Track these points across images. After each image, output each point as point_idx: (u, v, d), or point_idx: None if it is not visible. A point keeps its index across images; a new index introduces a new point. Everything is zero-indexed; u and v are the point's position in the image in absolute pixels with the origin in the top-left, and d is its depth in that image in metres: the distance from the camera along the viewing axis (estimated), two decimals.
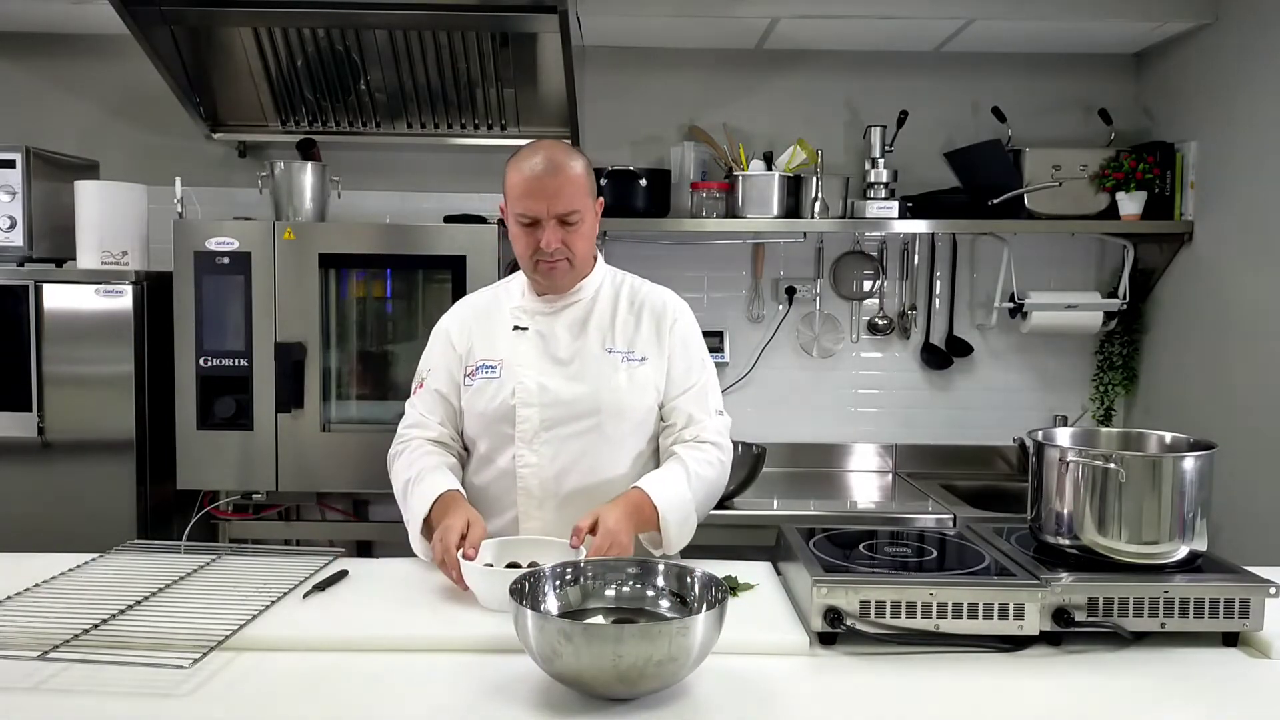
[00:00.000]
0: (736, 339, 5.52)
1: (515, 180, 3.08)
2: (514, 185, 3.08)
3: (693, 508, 3.10)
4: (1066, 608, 2.53)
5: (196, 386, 4.54)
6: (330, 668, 2.38)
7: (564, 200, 3.05)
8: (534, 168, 3.05)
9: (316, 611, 2.68)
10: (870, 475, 5.46)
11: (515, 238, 3.14)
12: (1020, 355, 5.57)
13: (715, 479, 3.20)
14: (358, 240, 4.57)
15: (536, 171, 3.04)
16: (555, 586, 2.50)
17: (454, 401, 3.31)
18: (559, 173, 3.05)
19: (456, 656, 2.46)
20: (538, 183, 3.04)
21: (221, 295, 4.51)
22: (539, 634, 2.16)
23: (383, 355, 4.71)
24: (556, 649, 2.13)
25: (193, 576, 2.88)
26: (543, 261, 3.12)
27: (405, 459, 3.26)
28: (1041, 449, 2.76)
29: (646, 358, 3.22)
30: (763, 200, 5.04)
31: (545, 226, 3.06)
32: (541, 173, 3.04)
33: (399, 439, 3.36)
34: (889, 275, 5.53)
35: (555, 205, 3.05)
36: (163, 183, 4.93)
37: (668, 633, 2.12)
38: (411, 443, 3.30)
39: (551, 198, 3.04)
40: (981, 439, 5.54)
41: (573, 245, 3.12)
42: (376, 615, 2.65)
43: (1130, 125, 5.36)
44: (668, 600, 2.49)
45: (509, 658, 2.41)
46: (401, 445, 3.32)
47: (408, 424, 3.36)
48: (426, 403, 3.33)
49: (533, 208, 3.05)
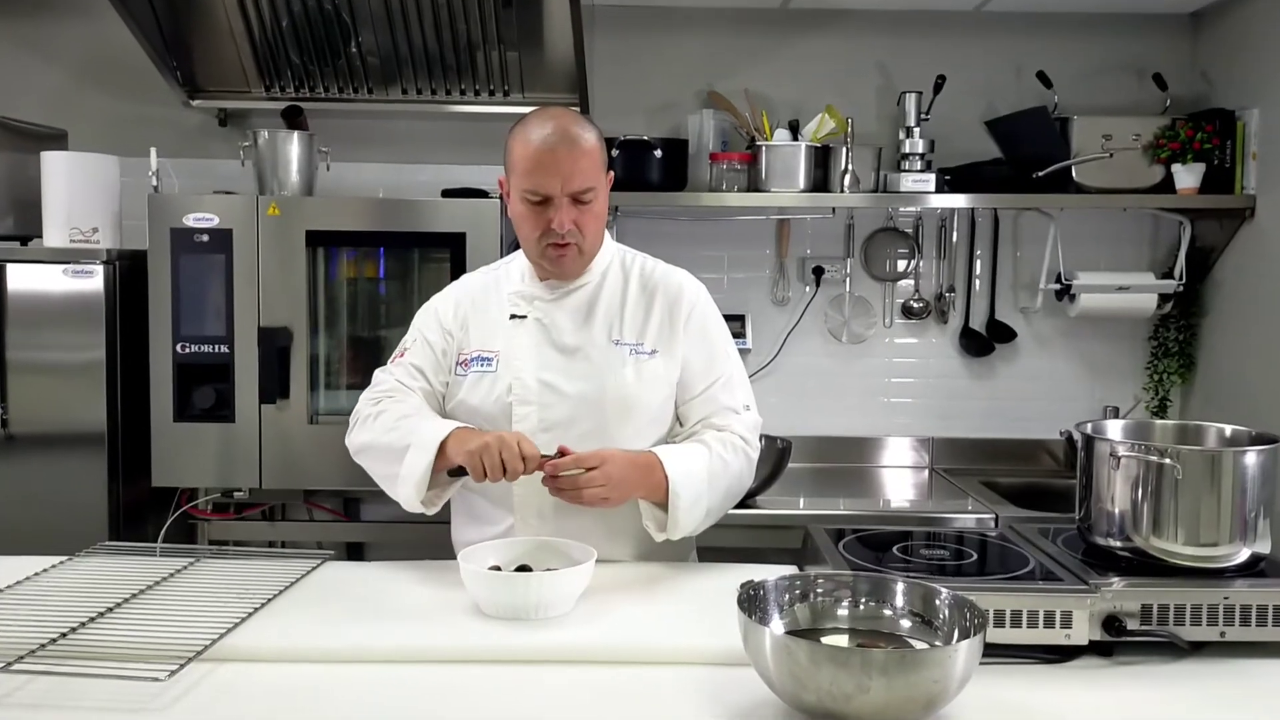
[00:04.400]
0: (759, 323, 5.52)
1: (522, 152, 3.01)
2: (521, 158, 3.01)
3: (707, 489, 3.03)
4: (1118, 615, 2.52)
5: (173, 375, 4.54)
6: (319, 680, 2.38)
7: (579, 176, 2.99)
8: (545, 139, 2.98)
9: (303, 619, 2.67)
10: (905, 471, 5.46)
11: (520, 218, 3.08)
12: (1067, 341, 5.56)
13: (739, 471, 3.14)
14: (348, 216, 4.57)
15: (549, 143, 2.98)
16: (781, 604, 2.44)
17: (435, 384, 3.24)
18: (573, 145, 2.99)
19: (465, 669, 2.45)
20: (550, 155, 2.97)
21: (200, 276, 4.51)
22: (813, 664, 2.08)
23: (375, 341, 4.71)
24: (840, 683, 2.05)
25: (169, 581, 2.89)
26: (552, 245, 3.06)
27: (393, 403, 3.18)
28: (1090, 443, 2.76)
29: (657, 351, 3.16)
30: (788, 173, 5.03)
31: (557, 206, 3.00)
32: (554, 144, 2.98)
33: (369, 399, 3.25)
34: (925, 254, 5.53)
35: (570, 182, 2.98)
36: (136, 154, 4.93)
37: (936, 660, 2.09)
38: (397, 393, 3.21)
39: (566, 174, 2.98)
40: (1025, 432, 5.52)
41: (585, 227, 3.06)
42: (368, 623, 2.65)
43: (1187, 91, 5.34)
44: (909, 621, 2.43)
45: (520, 669, 2.42)
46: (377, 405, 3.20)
47: (382, 390, 3.25)
48: (403, 374, 3.25)
49: (543, 184, 2.98)
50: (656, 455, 2.99)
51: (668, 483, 2.96)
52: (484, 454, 2.82)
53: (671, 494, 2.96)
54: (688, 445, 3.10)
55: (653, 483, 2.96)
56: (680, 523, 3.00)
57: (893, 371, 5.60)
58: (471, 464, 2.85)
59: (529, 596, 2.64)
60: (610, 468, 2.86)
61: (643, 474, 2.95)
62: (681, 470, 2.98)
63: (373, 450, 3.18)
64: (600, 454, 2.87)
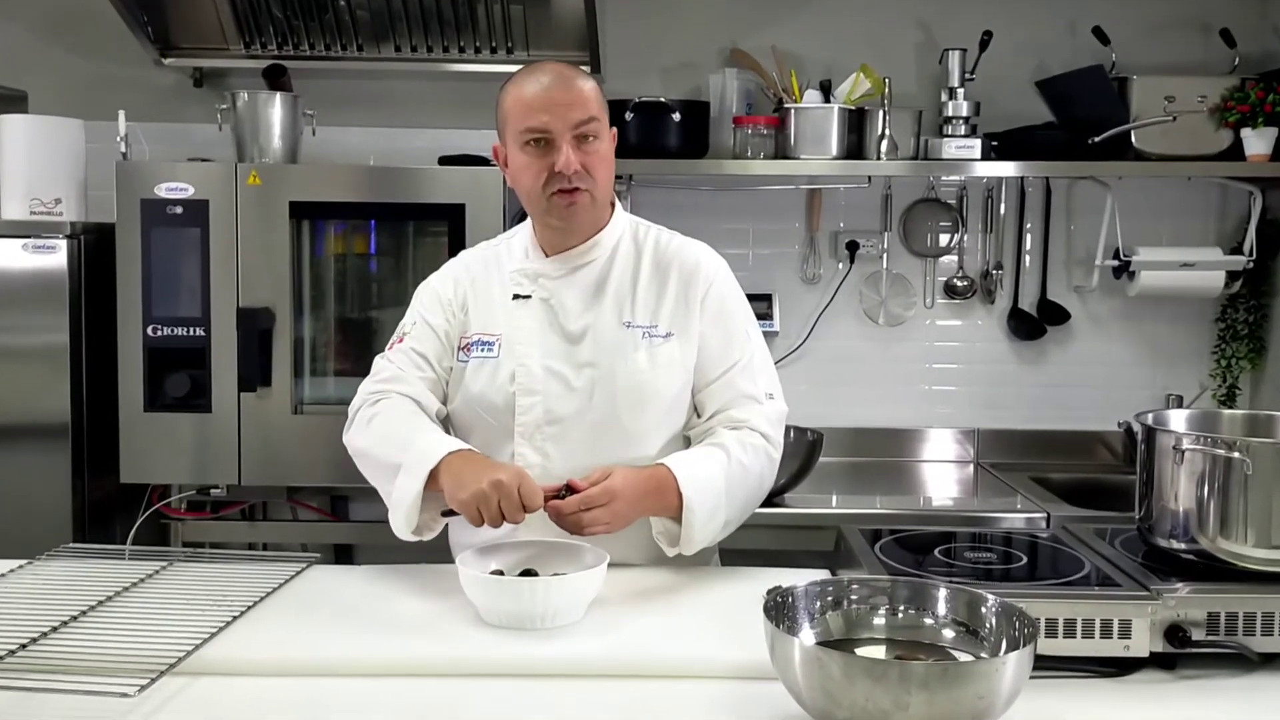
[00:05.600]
0: (787, 304, 5.51)
1: (518, 98, 3.05)
2: (518, 103, 3.05)
3: (725, 501, 3.03)
4: (1182, 624, 2.51)
5: (143, 360, 4.55)
6: (303, 696, 2.39)
7: (580, 108, 3.02)
8: (540, 82, 3.03)
9: (287, 629, 2.67)
10: (947, 466, 5.47)
11: (522, 169, 3.09)
12: (1126, 323, 5.55)
13: (760, 474, 3.14)
14: (336, 186, 4.58)
15: (544, 84, 3.03)
16: (811, 612, 2.44)
17: (439, 370, 3.24)
18: (570, 84, 3.04)
19: (465, 684, 2.45)
20: (547, 94, 3.01)
21: (173, 251, 4.52)
22: (846, 678, 2.06)
23: (366, 323, 4.72)
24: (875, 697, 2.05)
25: (139, 587, 2.89)
26: (560, 192, 3.06)
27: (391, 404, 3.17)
28: (1152, 435, 2.75)
29: (672, 334, 3.16)
30: (819, 138, 5.02)
31: (560, 144, 3.01)
32: (550, 84, 3.03)
33: (370, 392, 3.24)
34: (969, 228, 5.52)
35: (571, 114, 3.01)
36: (103, 117, 4.91)
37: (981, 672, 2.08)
38: (392, 396, 3.20)
39: (567, 107, 3.01)
40: (1080, 423, 5.52)
41: (593, 170, 3.07)
42: (358, 634, 2.65)
43: (1257, 48, 5.31)
44: (952, 630, 2.42)
45: (525, 683, 2.43)
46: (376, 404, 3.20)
47: (383, 378, 3.25)
48: (405, 361, 3.24)
49: (544, 121, 3.00)
50: (669, 469, 2.98)
51: (681, 498, 2.96)
52: (481, 504, 2.79)
53: (686, 509, 2.95)
54: (703, 451, 3.09)
55: (665, 500, 2.97)
56: (695, 539, 3.00)
57: (934, 356, 5.59)
58: (467, 513, 2.84)
59: (535, 604, 2.63)
60: (619, 505, 2.86)
61: (655, 490, 2.95)
62: (697, 484, 2.97)
63: (366, 460, 3.18)
64: (610, 489, 2.85)
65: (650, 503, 2.95)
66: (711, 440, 3.12)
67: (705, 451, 3.08)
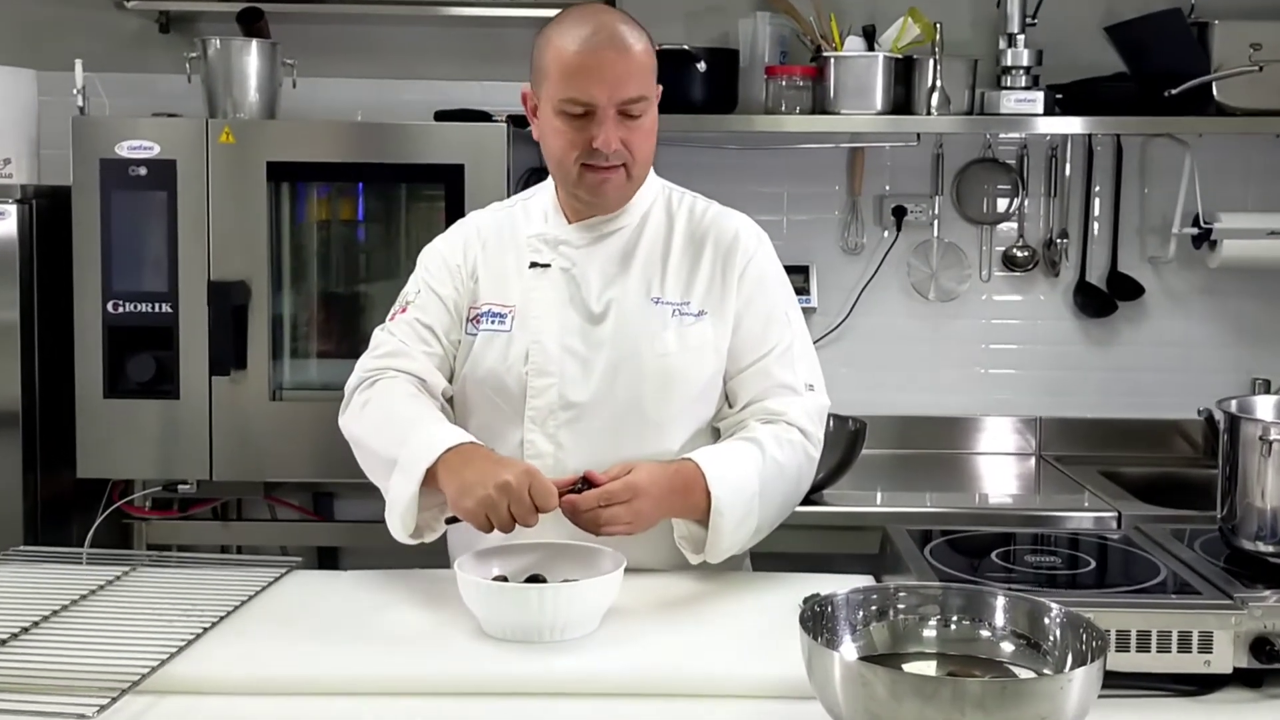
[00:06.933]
0: (826, 277, 5.51)
1: (559, 55, 3.02)
2: (560, 62, 3.02)
3: (758, 505, 3.02)
4: (1269, 637, 2.51)
5: (103, 340, 4.55)
6: (281, 717, 2.40)
7: (630, 82, 3.01)
8: (589, 39, 2.99)
9: (264, 642, 2.68)
10: (1006, 459, 5.48)
11: (554, 134, 3.08)
12: (1207, 299, 5.55)
13: (797, 475, 3.14)
14: (319, 144, 4.59)
15: (593, 44, 2.99)
16: (854, 623, 2.44)
17: (446, 344, 3.23)
18: (624, 47, 3.01)
19: (464, 704, 2.45)
20: (595, 58, 2.98)
21: (137, 218, 4.52)
22: (893, 697, 2.05)
23: (353, 299, 4.72)
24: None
25: (98, 595, 2.90)
26: (593, 168, 3.06)
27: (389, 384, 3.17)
28: (1236, 424, 2.75)
29: (705, 312, 3.16)
30: (862, 90, 5.01)
31: (601, 120, 3.00)
32: (599, 45, 2.99)
33: (368, 369, 3.24)
34: (1031, 191, 5.52)
35: (620, 89, 2.99)
36: (58, 67, 4.90)
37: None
38: (392, 375, 3.19)
39: (614, 79, 2.99)
40: (1154, 411, 5.51)
41: (634, 147, 3.07)
42: (344, 647, 2.65)
43: None
44: (1011, 644, 2.42)
45: (531, 703, 2.44)
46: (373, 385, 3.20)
47: (383, 352, 3.24)
48: (408, 334, 3.24)
49: (589, 91, 2.98)
50: (697, 466, 2.97)
51: (709, 498, 2.94)
52: (489, 512, 2.77)
53: (714, 513, 2.94)
54: (735, 446, 3.08)
55: (691, 500, 2.95)
56: (722, 547, 3.00)
57: (991, 336, 5.59)
58: (475, 522, 2.82)
59: (543, 614, 2.64)
60: (642, 504, 2.84)
61: (681, 489, 2.93)
62: (728, 484, 2.96)
63: (362, 450, 3.19)
64: (633, 485, 2.84)
65: (674, 502, 2.94)
66: (744, 434, 3.11)
67: (737, 447, 3.07)
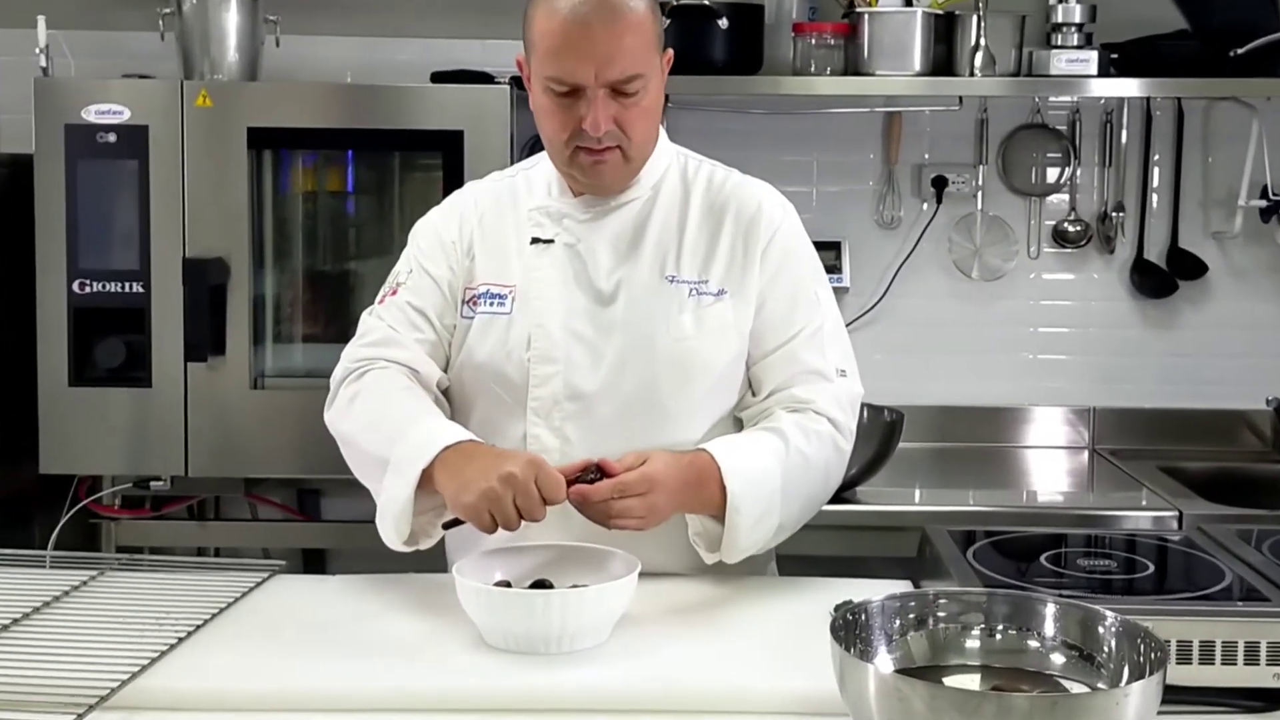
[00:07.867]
0: (860, 253, 5.51)
1: (545, 25, 2.98)
2: (543, 33, 2.98)
3: (780, 501, 3.00)
4: None
5: (68, 323, 4.55)
6: None
7: (621, 59, 2.95)
8: (576, 8, 2.94)
9: (244, 653, 2.67)
10: (1056, 453, 5.48)
11: (544, 113, 3.06)
12: (1276, 277, 5.55)
13: (825, 469, 3.12)
14: (305, 109, 4.60)
15: (579, 13, 2.93)
16: (889, 633, 2.42)
17: (440, 329, 3.21)
18: (614, 16, 2.95)
19: None
20: (581, 30, 2.93)
21: (105, 189, 4.53)
22: (933, 712, 2.04)
23: (341, 277, 4.73)
24: None
25: (63, 601, 2.90)
26: (583, 150, 3.02)
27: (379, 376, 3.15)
28: None
29: (725, 291, 3.14)
30: (899, 49, 5.00)
31: (591, 99, 2.96)
32: (586, 14, 2.93)
33: (355, 359, 3.22)
34: (1084, 160, 5.52)
35: (607, 67, 2.94)
36: (19, 25, 4.93)
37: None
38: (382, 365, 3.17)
39: (602, 56, 2.93)
40: (1219, 400, 5.51)
41: (629, 127, 3.02)
42: (331, 659, 2.64)
43: None
44: (1062, 655, 2.41)
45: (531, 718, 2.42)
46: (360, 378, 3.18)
47: (371, 340, 3.23)
48: (398, 319, 3.22)
49: (573, 70, 2.94)
50: (711, 456, 2.95)
51: (724, 492, 2.92)
52: (493, 507, 2.74)
53: (730, 508, 2.92)
54: (755, 436, 3.07)
55: (705, 495, 2.93)
56: (739, 545, 2.98)
57: (1040, 318, 5.60)
58: (477, 521, 2.79)
59: (549, 622, 2.63)
60: (657, 497, 2.82)
61: (695, 482, 2.91)
62: (745, 476, 2.94)
63: (351, 449, 3.18)
64: (649, 476, 2.81)
65: (688, 496, 2.92)
66: (767, 424, 3.09)
67: (758, 437, 3.06)
